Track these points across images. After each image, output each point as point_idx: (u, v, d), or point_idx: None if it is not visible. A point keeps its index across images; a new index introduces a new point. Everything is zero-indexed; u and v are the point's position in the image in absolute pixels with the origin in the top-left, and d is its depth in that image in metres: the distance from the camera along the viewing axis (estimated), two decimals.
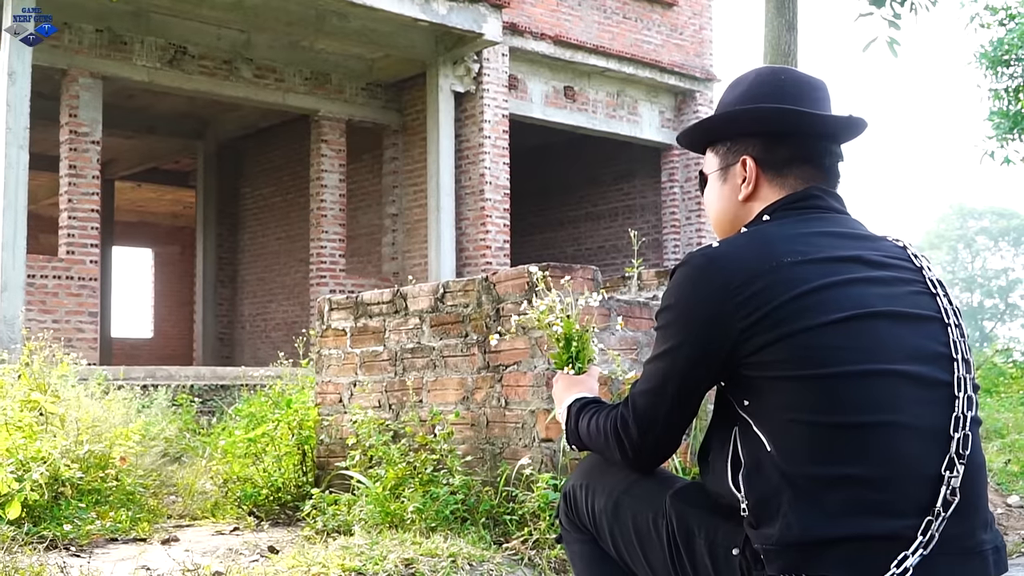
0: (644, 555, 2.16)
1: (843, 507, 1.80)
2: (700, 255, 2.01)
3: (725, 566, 1.96)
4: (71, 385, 6.20)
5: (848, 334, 1.88)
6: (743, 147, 2.19)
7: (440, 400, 5.25)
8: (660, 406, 2.06)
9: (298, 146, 16.66)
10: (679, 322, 2.01)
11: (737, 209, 2.20)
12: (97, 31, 12.93)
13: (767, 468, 1.88)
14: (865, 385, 1.86)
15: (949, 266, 63.25)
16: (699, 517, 2.05)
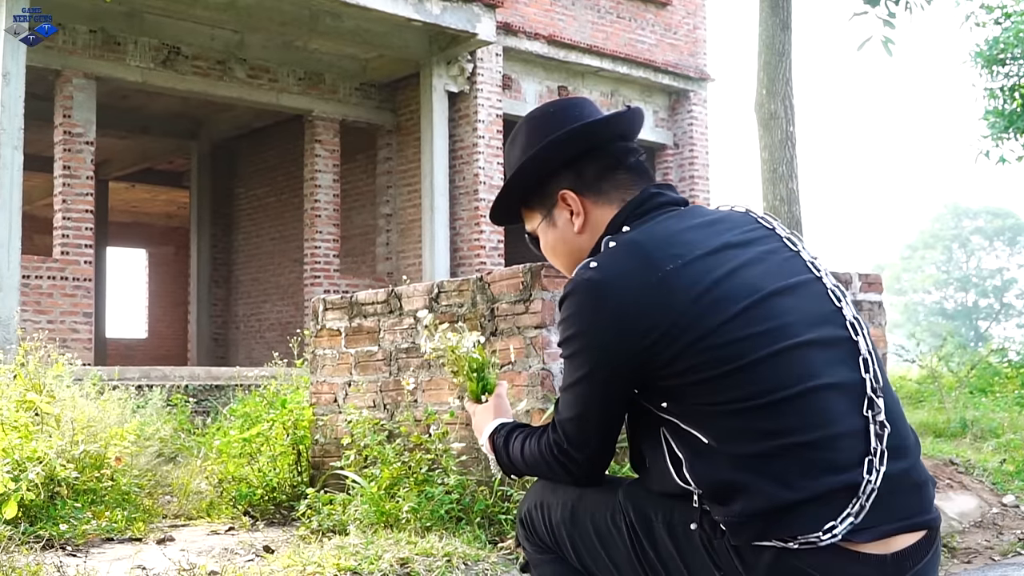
0: (608, 556, 2.16)
1: (798, 472, 1.88)
2: (585, 282, 2.03)
3: (686, 543, 2.00)
4: (66, 385, 6.19)
5: (750, 322, 1.96)
6: (553, 186, 2.24)
7: (435, 399, 5.26)
8: (588, 427, 2.11)
9: (292, 146, 16.65)
10: (584, 350, 2.04)
11: (578, 243, 2.24)
12: (91, 32, 12.92)
13: (711, 457, 1.94)
14: (781, 363, 1.95)
15: (944, 266, 63.32)
16: (654, 503, 2.09)
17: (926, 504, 1.99)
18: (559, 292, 4.81)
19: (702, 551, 1.97)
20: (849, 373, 1.99)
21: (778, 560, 1.89)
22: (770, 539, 1.88)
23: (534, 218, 2.31)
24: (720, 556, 1.95)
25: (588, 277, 2.03)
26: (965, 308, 62.44)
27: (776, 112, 9.03)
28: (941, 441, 8.57)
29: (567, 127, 2.21)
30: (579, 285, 2.04)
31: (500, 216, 2.38)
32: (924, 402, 11.24)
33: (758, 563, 1.90)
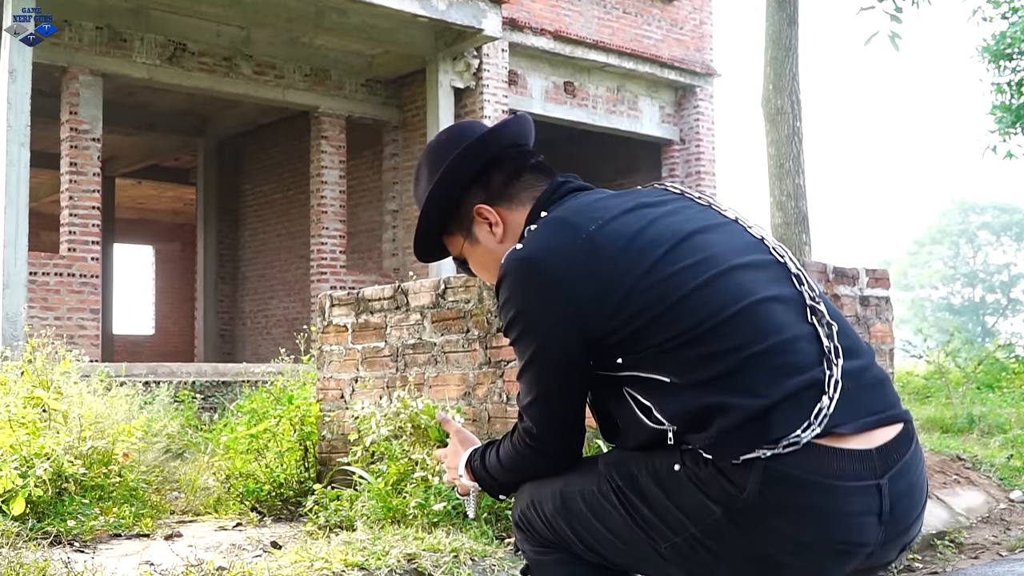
0: (607, 529, 2.14)
1: (763, 380, 1.93)
2: (514, 262, 2.08)
3: (674, 485, 1.99)
4: (74, 382, 6.21)
5: (679, 258, 2.04)
6: (465, 205, 2.30)
7: (441, 395, 5.26)
8: (552, 406, 2.14)
9: (298, 143, 16.66)
10: (529, 330, 2.08)
11: (503, 252, 2.24)
12: (97, 28, 12.93)
13: (677, 393, 1.98)
14: (718, 287, 2.02)
15: (951, 261, 63.23)
16: (634, 460, 2.10)
17: (893, 399, 2.04)
18: None
19: (691, 487, 1.96)
20: (785, 288, 2.08)
21: (767, 471, 1.89)
22: (753, 449, 1.89)
23: (456, 242, 2.36)
24: (710, 486, 1.94)
25: (517, 257, 2.09)
26: (972, 304, 62.35)
27: (783, 107, 9.01)
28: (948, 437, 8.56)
29: (460, 148, 2.27)
30: (510, 267, 2.09)
31: (425, 252, 2.43)
32: (931, 398, 11.23)
33: (748, 480, 1.90)
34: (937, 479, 6.57)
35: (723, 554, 1.97)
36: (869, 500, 1.94)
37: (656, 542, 2.05)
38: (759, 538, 1.93)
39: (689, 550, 2.01)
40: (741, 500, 1.90)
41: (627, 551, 2.14)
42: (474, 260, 2.37)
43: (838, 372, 1.97)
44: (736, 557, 1.97)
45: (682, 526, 1.99)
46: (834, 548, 1.93)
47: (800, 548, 1.93)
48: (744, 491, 1.90)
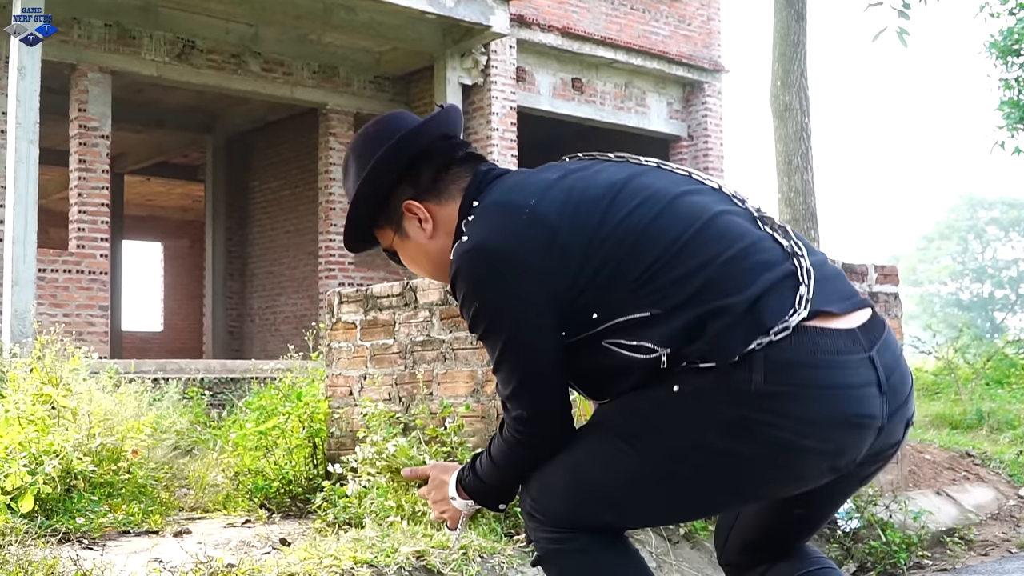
0: (626, 480, 2.13)
1: (741, 279, 2.01)
2: (465, 255, 2.11)
3: (679, 404, 2.02)
4: (83, 379, 6.22)
5: (625, 202, 2.11)
6: (394, 200, 2.30)
7: (450, 393, 5.26)
8: (537, 387, 2.14)
9: (306, 139, 16.67)
10: (496, 319, 2.10)
11: (435, 247, 2.31)
12: (106, 26, 12.95)
13: (661, 320, 2.02)
14: (671, 216, 2.09)
15: (960, 257, 63.10)
16: (626, 403, 2.12)
17: (853, 289, 2.13)
18: None
19: (696, 401, 2.00)
20: (731, 205, 2.17)
21: (767, 359, 1.95)
22: (750, 342, 1.95)
23: (387, 235, 2.36)
24: (716, 391, 1.98)
25: (466, 249, 2.11)
26: (981, 299, 62.22)
27: (791, 103, 9.00)
28: (957, 433, 8.56)
29: (388, 143, 2.26)
30: (462, 260, 2.11)
31: (354, 243, 2.42)
32: (940, 394, 11.22)
33: (752, 372, 1.95)
34: (946, 476, 6.56)
35: (745, 453, 1.99)
36: (866, 372, 2.00)
37: (678, 467, 2.05)
38: (777, 427, 1.95)
39: (711, 463, 2.02)
40: (750, 393, 1.94)
41: (650, 498, 2.14)
42: (404, 254, 2.37)
43: (807, 263, 2.06)
44: (759, 454, 1.99)
45: (699, 440, 2.00)
46: (850, 421, 1.97)
47: (817, 428, 1.96)
48: (751, 383, 1.94)
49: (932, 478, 6.41)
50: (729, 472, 2.03)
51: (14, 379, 6.01)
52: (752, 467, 2.01)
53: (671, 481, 2.08)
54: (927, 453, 6.91)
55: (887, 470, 5.87)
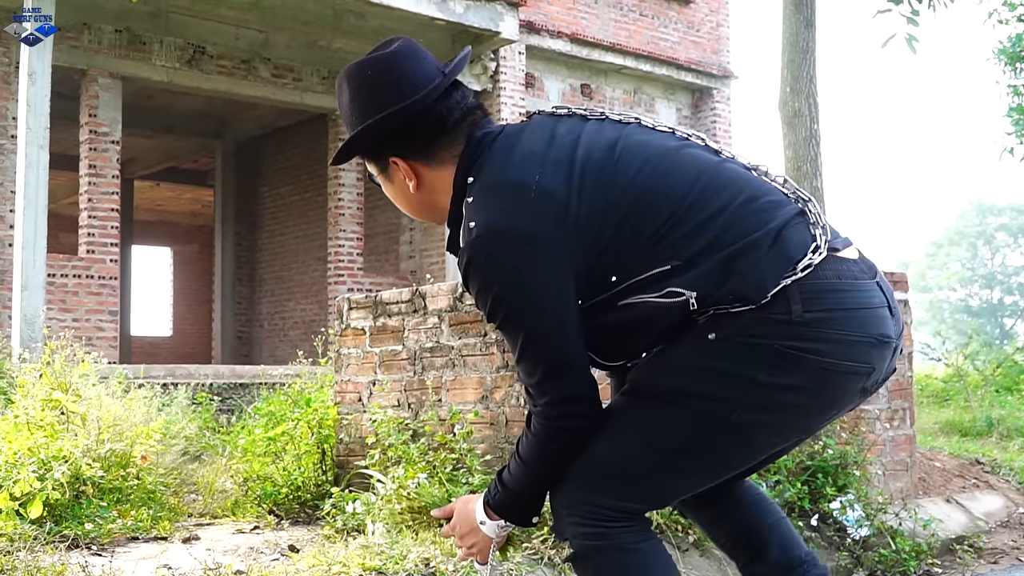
0: (672, 445, 2.14)
1: (759, 219, 2.07)
2: (481, 239, 2.08)
3: (718, 351, 2.05)
4: (92, 384, 6.22)
5: (627, 164, 2.13)
6: (384, 152, 2.30)
7: (459, 399, 5.26)
8: (563, 374, 2.11)
9: (316, 145, 16.70)
10: (514, 305, 2.08)
11: (417, 199, 2.32)
12: (116, 31, 12.98)
13: (683, 270, 2.05)
14: (675, 172, 2.12)
15: (969, 263, 62.96)
16: (661, 361, 2.13)
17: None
18: None
19: (737, 344, 2.04)
20: (717, 156, 2.21)
21: (801, 289, 2.02)
22: (780, 279, 2.02)
23: (373, 168, 2.38)
24: (757, 328, 2.03)
25: (477, 236, 2.09)
26: (990, 305, 62.07)
27: (800, 110, 8.98)
28: (967, 440, 8.53)
29: (386, 111, 2.22)
30: (474, 249, 2.09)
31: (340, 163, 2.47)
32: (950, 401, 11.19)
33: (790, 304, 2.02)
34: (956, 483, 6.55)
35: (794, 385, 2.04)
36: (878, 295, 2.10)
37: (727, 415, 2.06)
38: (821, 352, 2.02)
39: (764, 401, 2.06)
40: (792, 323, 2.01)
41: (706, 453, 2.14)
42: (386, 189, 2.39)
43: (808, 205, 2.14)
44: (807, 383, 2.05)
45: (749, 381, 2.04)
46: (878, 340, 2.07)
47: (856, 348, 2.04)
48: (791, 313, 2.01)
49: (942, 486, 6.39)
50: (781, 408, 2.08)
51: (23, 384, 6.02)
52: (801, 398, 2.07)
53: (725, 431, 2.09)
54: (937, 461, 6.89)
55: (897, 477, 5.85)
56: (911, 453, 6.06)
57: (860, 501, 5.16)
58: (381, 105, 2.23)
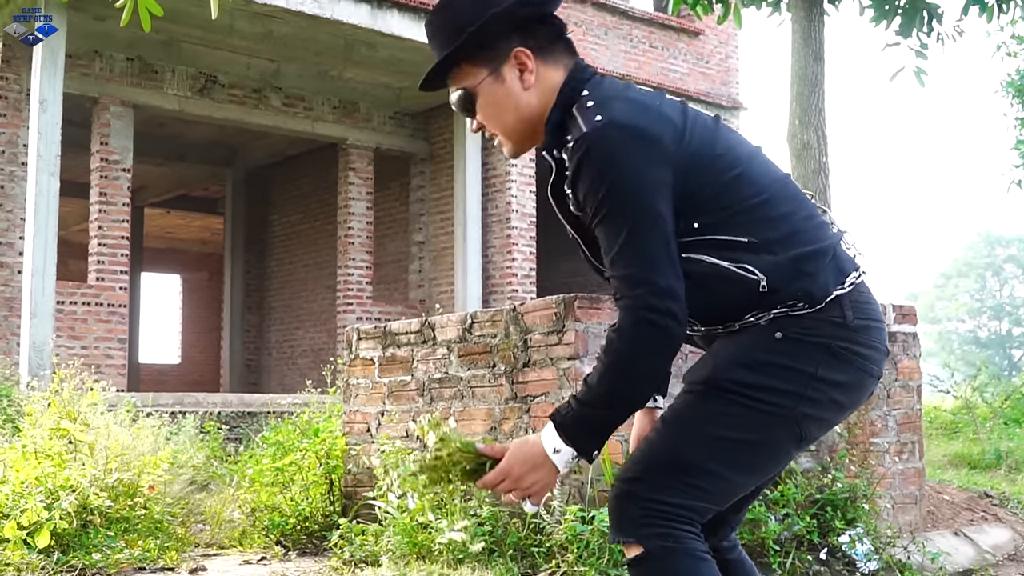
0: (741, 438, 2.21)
1: (819, 233, 2.30)
2: (608, 126, 2.18)
3: (783, 348, 2.22)
4: (100, 412, 6.23)
5: (727, 137, 2.33)
6: (505, 44, 2.32)
7: (468, 430, 5.25)
8: (665, 267, 2.16)
9: (326, 174, 16.74)
10: (628, 196, 2.16)
11: (525, 99, 2.34)
12: (128, 60, 13.06)
13: (756, 249, 2.21)
14: (760, 164, 2.34)
15: (977, 294, 62.85)
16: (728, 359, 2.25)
17: None
18: (593, 323, 4.81)
19: (799, 341, 2.22)
20: (782, 171, 2.40)
21: (851, 299, 2.25)
22: (835, 288, 2.24)
23: (477, 74, 2.35)
24: (816, 328, 2.22)
25: (602, 125, 2.18)
26: (999, 336, 61.93)
27: (809, 142, 9.00)
28: (976, 473, 8.51)
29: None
30: (595, 137, 2.18)
31: (435, 78, 2.41)
32: (959, 433, 11.16)
33: (843, 310, 2.24)
34: (964, 516, 6.53)
35: (840, 382, 2.24)
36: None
37: (793, 408, 2.21)
38: (863, 356, 2.26)
39: (816, 398, 2.22)
40: (846, 327, 2.23)
41: (761, 451, 2.25)
42: (489, 98, 2.36)
43: (847, 234, 2.41)
44: (853, 380, 2.26)
45: (808, 376, 2.21)
46: (886, 351, 2.35)
47: (880, 354, 2.31)
48: (845, 318, 2.23)
49: (950, 519, 6.37)
50: (828, 404, 2.25)
51: (32, 413, 6.03)
52: (842, 395, 2.27)
53: (785, 425, 2.23)
54: (946, 494, 6.87)
55: (906, 510, 5.83)
56: (920, 486, 6.05)
57: (869, 535, 5.14)
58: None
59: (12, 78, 12.21)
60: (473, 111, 2.39)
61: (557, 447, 2.23)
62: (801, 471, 5.31)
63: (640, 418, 2.63)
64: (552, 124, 2.32)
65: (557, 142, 2.33)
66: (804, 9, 9.15)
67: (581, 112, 2.23)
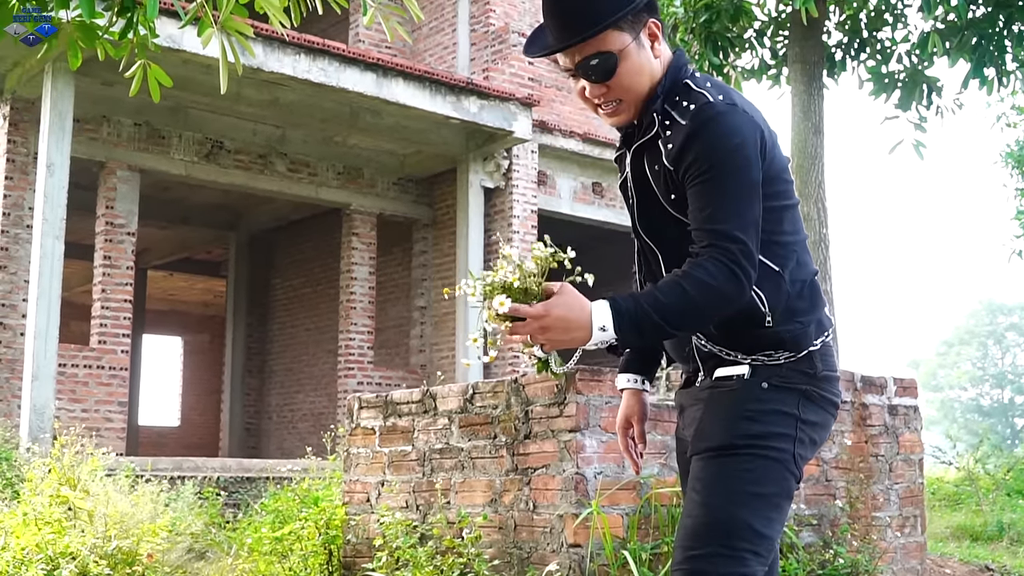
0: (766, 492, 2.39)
1: (820, 292, 2.59)
2: (729, 106, 2.40)
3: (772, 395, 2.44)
4: (100, 478, 6.23)
5: (790, 179, 2.56)
6: (641, 16, 2.50)
7: (468, 502, 5.25)
8: (755, 231, 2.35)
9: (329, 238, 16.81)
10: (741, 164, 2.36)
11: (652, 67, 2.53)
12: (136, 125, 13.16)
13: (780, 285, 2.44)
14: (798, 213, 2.58)
15: (979, 362, 62.75)
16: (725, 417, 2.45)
17: None
18: (594, 396, 4.83)
19: (783, 388, 2.44)
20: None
21: (821, 353, 2.50)
22: (816, 339, 2.49)
23: (622, 39, 2.48)
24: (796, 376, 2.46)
25: (726, 105, 2.40)
26: (1001, 405, 61.75)
27: (809, 214, 9.07)
28: (978, 546, 8.47)
29: None
30: (725, 108, 2.39)
31: (587, 35, 2.46)
32: (961, 504, 11.11)
33: (815, 363, 2.48)
34: None
35: (815, 422, 2.48)
36: None
37: (792, 452, 2.42)
38: (827, 403, 2.51)
39: (802, 438, 2.45)
40: (815, 376, 2.48)
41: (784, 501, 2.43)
42: (631, 63, 2.50)
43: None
44: (822, 421, 2.51)
45: (793, 418, 2.44)
46: (841, 399, 2.69)
47: (838, 400, 2.56)
48: (816, 370, 2.48)
49: None
50: (811, 444, 2.49)
51: (32, 479, 6.03)
52: (817, 434, 2.50)
53: (789, 468, 2.43)
54: (947, 567, 6.84)
55: None
56: (922, 560, 6.02)
57: None
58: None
59: (20, 141, 12.30)
60: (611, 75, 2.49)
61: (604, 325, 2.29)
62: (803, 546, 5.30)
63: (627, 398, 2.81)
64: (666, 87, 2.51)
65: (669, 102, 2.50)
66: (803, 83, 9.26)
67: (699, 85, 2.46)
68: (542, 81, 15.38)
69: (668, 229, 2.51)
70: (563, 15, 2.45)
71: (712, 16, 9.55)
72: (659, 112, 2.49)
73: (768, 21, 10.34)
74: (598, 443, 4.83)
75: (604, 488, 4.80)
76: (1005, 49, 9.40)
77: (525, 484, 4.97)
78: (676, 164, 2.41)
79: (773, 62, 10.46)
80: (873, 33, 10.15)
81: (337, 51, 12.38)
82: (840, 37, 10.28)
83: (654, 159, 2.49)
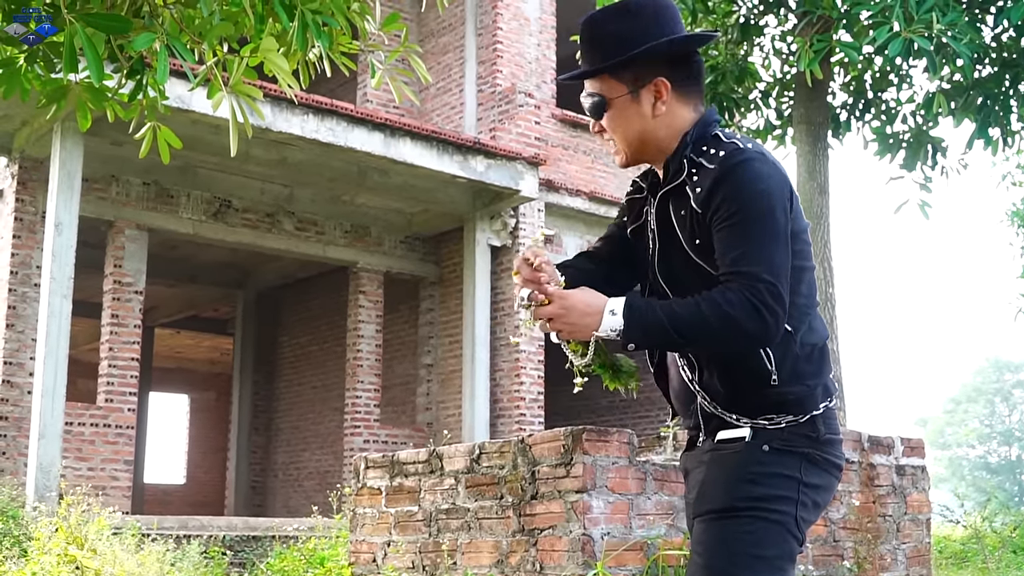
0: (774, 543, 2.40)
1: (828, 357, 2.58)
2: (760, 155, 2.40)
3: (773, 459, 2.43)
4: (106, 537, 6.22)
5: (809, 240, 2.54)
6: (651, 72, 2.49)
7: (474, 563, 5.24)
8: (784, 275, 2.35)
9: (336, 296, 16.85)
10: (777, 207, 2.37)
11: (651, 126, 2.51)
12: (144, 184, 13.25)
13: (790, 346, 2.44)
14: (814, 278, 2.58)
15: (987, 419, 62.48)
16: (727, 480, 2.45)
17: None
18: (601, 456, 4.84)
19: (785, 452, 2.44)
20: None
21: (824, 417, 2.48)
22: (821, 403, 2.47)
23: (617, 88, 2.51)
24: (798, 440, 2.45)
25: (757, 153, 2.40)
26: (1009, 462, 61.42)
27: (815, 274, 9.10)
28: None
29: (680, 31, 2.51)
30: (756, 157, 2.39)
31: (583, 76, 2.53)
32: (968, 562, 11.04)
33: (818, 426, 2.46)
34: None
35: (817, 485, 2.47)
36: None
37: (793, 515, 2.42)
38: (830, 466, 2.50)
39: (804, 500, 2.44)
40: (818, 440, 2.46)
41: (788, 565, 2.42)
42: (617, 114, 2.52)
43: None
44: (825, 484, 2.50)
45: (795, 481, 2.44)
46: (844, 460, 2.57)
47: (841, 462, 2.55)
48: (819, 433, 2.47)
49: None
50: (814, 507, 2.49)
51: (39, 538, 6.03)
52: (820, 496, 2.49)
53: (791, 530, 2.42)
54: None
55: None
56: None
57: None
58: (673, 30, 2.50)
59: (28, 200, 12.39)
60: (599, 116, 2.55)
61: (615, 310, 2.39)
62: None
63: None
64: (694, 136, 2.50)
65: (696, 151, 2.48)
66: (808, 143, 9.34)
67: (728, 137, 2.46)
68: (548, 140, 15.48)
69: (687, 276, 2.48)
70: (582, 50, 2.56)
71: (718, 77, 9.65)
72: (687, 159, 2.49)
73: (773, 82, 10.44)
74: (605, 504, 4.83)
75: (610, 549, 4.80)
76: (1010, 109, 9.47)
77: (532, 545, 4.96)
78: (704, 207, 2.40)
79: (778, 122, 10.56)
80: (878, 94, 10.24)
81: (345, 111, 12.49)
82: (845, 98, 10.37)
83: (681, 204, 2.47)
